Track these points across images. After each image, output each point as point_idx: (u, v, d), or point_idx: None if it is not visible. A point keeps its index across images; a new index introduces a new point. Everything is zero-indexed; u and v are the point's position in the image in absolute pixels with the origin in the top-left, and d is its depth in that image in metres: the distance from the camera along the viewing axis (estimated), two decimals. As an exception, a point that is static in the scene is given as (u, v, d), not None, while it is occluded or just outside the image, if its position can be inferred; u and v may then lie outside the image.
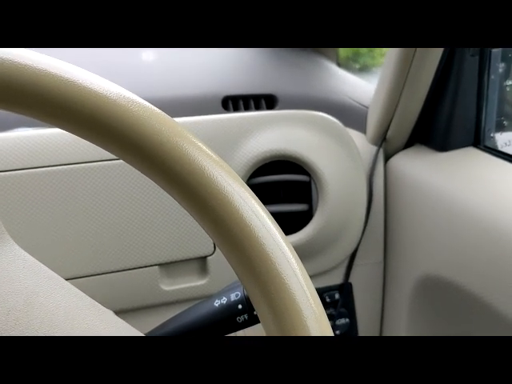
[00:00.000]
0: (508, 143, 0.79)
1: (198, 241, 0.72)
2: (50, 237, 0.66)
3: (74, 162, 0.66)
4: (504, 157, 0.74)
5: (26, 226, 0.64)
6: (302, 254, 0.75)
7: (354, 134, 0.86)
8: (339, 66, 1.17)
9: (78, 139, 0.66)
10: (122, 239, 0.68)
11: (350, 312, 0.87)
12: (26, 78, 0.23)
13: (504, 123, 0.80)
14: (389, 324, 0.89)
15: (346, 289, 0.85)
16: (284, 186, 0.77)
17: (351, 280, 0.86)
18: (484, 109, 0.79)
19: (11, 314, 0.28)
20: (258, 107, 0.92)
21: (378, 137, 0.85)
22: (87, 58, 0.83)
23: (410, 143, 0.86)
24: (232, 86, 0.93)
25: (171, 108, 0.82)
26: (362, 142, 0.86)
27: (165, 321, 0.46)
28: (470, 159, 0.78)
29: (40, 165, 0.65)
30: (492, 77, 0.77)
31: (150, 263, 0.70)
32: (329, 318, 0.84)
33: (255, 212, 0.24)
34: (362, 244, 0.84)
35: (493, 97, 0.78)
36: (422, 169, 0.80)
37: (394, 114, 0.82)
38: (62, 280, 0.32)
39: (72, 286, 0.32)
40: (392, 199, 0.85)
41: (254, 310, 0.42)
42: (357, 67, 1.50)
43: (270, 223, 0.25)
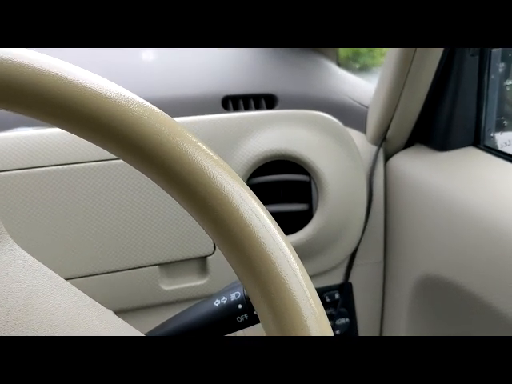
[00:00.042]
0: (508, 143, 0.79)
1: (198, 241, 0.72)
2: (50, 236, 0.66)
3: (74, 161, 0.66)
4: (504, 156, 0.74)
5: (26, 225, 0.64)
6: (302, 253, 0.75)
7: (354, 133, 0.86)
8: (339, 65, 1.17)
9: (77, 139, 0.66)
10: (121, 239, 0.68)
11: (350, 312, 0.87)
12: (26, 77, 0.23)
13: (504, 123, 0.80)
14: (389, 324, 0.89)
15: (345, 289, 0.85)
16: (284, 186, 0.77)
17: (351, 280, 0.86)
18: (484, 108, 0.79)
19: (11, 313, 0.28)
20: (258, 107, 0.92)
21: (378, 136, 0.85)
22: (87, 58, 0.83)
23: (410, 143, 0.86)
24: (232, 86, 0.93)
25: (171, 108, 0.82)
26: (361, 142, 0.86)
27: (165, 321, 0.46)
28: (470, 159, 0.78)
29: (40, 164, 0.65)
30: (492, 76, 0.77)
31: (150, 263, 0.70)
32: (329, 317, 0.84)
33: (255, 212, 0.24)
34: (362, 244, 0.84)
35: (493, 96, 0.78)
36: (422, 168, 0.80)
37: (394, 113, 0.82)
38: (62, 280, 0.32)
39: (72, 286, 0.32)
40: (392, 199, 0.85)
41: (254, 310, 0.42)
42: (357, 67, 1.50)
43: (270, 223, 0.25)
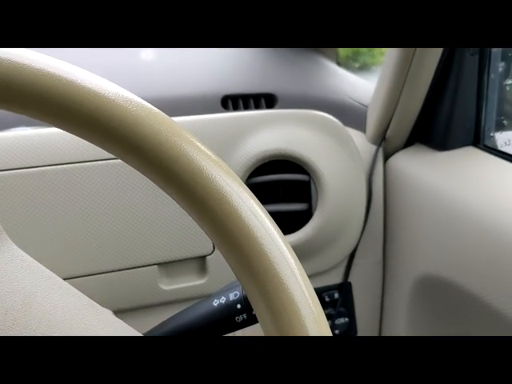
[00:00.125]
0: (508, 142, 0.79)
1: (197, 240, 0.72)
2: (48, 236, 0.66)
3: (73, 161, 0.66)
4: (504, 156, 0.74)
5: (24, 225, 0.64)
6: (301, 253, 0.75)
7: (353, 133, 0.86)
8: (339, 64, 1.17)
9: (76, 139, 0.66)
10: (120, 238, 0.68)
11: (350, 311, 0.87)
12: (25, 77, 0.23)
13: (504, 122, 0.80)
14: (388, 323, 0.89)
15: (345, 288, 0.85)
16: (283, 186, 0.77)
17: (350, 279, 0.86)
18: (484, 108, 0.79)
19: (9, 313, 0.28)
20: (257, 106, 0.92)
21: (378, 136, 0.85)
22: (87, 58, 0.83)
23: (409, 142, 0.86)
24: (231, 85, 0.93)
25: (171, 107, 0.82)
26: (361, 142, 0.86)
27: (163, 320, 0.46)
28: (470, 158, 0.78)
29: (38, 164, 0.65)
30: (492, 76, 0.77)
31: (149, 263, 0.70)
32: (328, 317, 0.84)
33: (254, 212, 0.24)
34: (361, 243, 0.84)
35: (492, 96, 0.78)
36: (421, 168, 0.80)
37: (394, 113, 0.81)
38: (60, 280, 0.32)
39: (70, 286, 0.32)
40: (391, 198, 0.85)
41: (252, 310, 0.42)
42: (356, 66, 1.50)
43: (269, 223, 0.25)
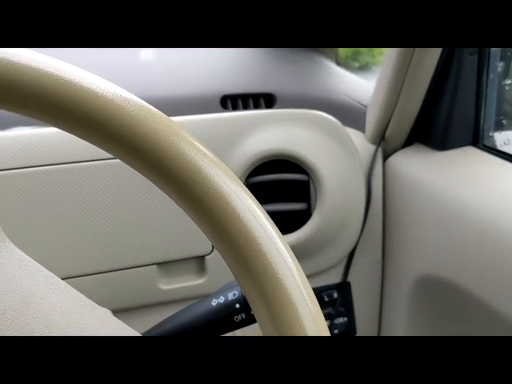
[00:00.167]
0: (507, 142, 0.79)
1: (196, 240, 0.72)
2: (47, 236, 0.65)
3: (71, 161, 0.66)
4: (503, 156, 0.74)
5: (23, 225, 0.64)
6: (300, 252, 0.75)
7: (352, 132, 0.86)
8: (338, 64, 1.17)
9: (74, 138, 0.66)
10: (119, 238, 0.68)
11: (349, 311, 0.87)
12: (23, 77, 0.23)
13: (503, 122, 0.80)
14: (387, 323, 0.89)
15: (344, 288, 0.85)
16: (282, 185, 0.77)
17: (349, 279, 0.86)
18: (483, 108, 0.79)
19: (7, 313, 0.28)
20: (256, 106, 0.92)
21: (377, 136, 0.85)
22: (87, 58, 0.83)
23: (408, 142, 0.86)
24: (231, 85, 0.92)
25: (170, 107, 0.82)
26: (360, 141, 0.86)
27: (162, 320, 0.46)
28: (469, 158, 0.78)
29: (37, 164, 0.65)
30: (491, 76, 0.77)
31: (147, 262, 0.70)
32: (327, 317, 0.84)
33: (252, 212, 0.24)
34: (360, 243, 0.84)
35: (492, 96, 0.78)
36: (420, 168, 0.80)
37: (393, 112, 0.81)
38: (59, 279, 0.32)
39: (68, 286, 0.32)
40: (390, 198, 0.85)
41: (251, 310, 0.42)
42: (356, 66, 1.50)
43: (267, 223, 0.25)
